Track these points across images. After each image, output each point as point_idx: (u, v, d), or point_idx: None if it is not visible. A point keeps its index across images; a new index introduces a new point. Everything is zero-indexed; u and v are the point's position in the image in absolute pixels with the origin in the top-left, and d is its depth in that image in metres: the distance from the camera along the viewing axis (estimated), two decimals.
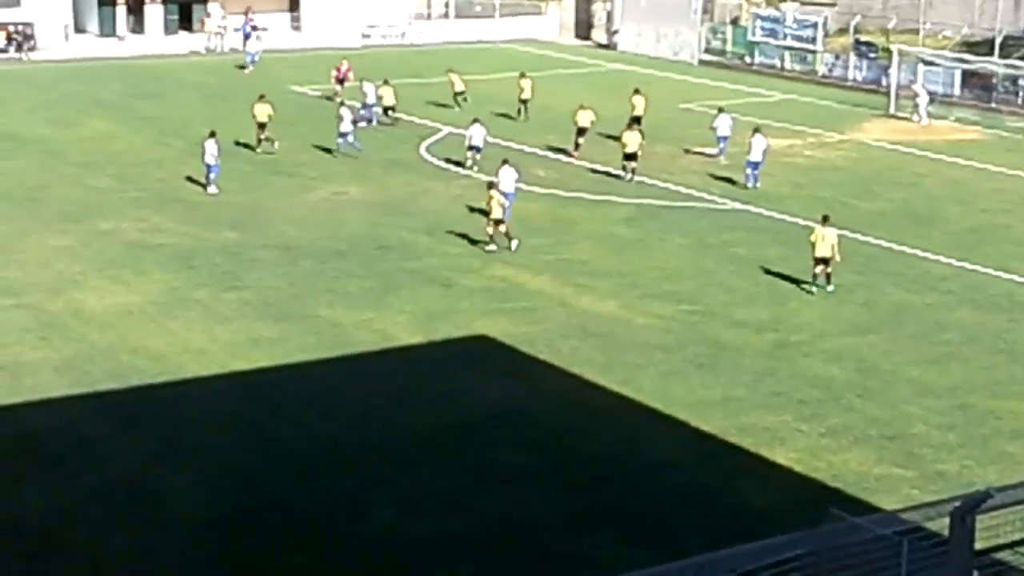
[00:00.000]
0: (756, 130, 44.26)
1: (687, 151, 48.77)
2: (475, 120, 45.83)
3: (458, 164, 45.32)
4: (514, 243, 35.68)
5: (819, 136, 53.29)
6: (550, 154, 47.95)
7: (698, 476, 23.06)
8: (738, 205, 41.52)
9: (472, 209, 39.20)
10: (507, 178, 38.16)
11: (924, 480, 22.82)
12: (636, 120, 49.60)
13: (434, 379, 27.17)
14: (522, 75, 56.86)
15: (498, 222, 35.61)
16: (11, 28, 70.06)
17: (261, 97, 48.01)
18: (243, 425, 24.59)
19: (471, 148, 45.14)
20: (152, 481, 22.35)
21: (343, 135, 46.57)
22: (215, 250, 35.27)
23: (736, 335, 29.84)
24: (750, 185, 43.30)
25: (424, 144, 49.02)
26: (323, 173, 44.41)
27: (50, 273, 32.99)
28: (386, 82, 54.03)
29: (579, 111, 48.70)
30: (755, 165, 43.31)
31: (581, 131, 48.13)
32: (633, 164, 44.35)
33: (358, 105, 51.00)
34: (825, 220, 33.42)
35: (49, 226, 37.16)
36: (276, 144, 46.23)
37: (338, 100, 52.65)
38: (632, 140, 44.51)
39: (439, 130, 51.70)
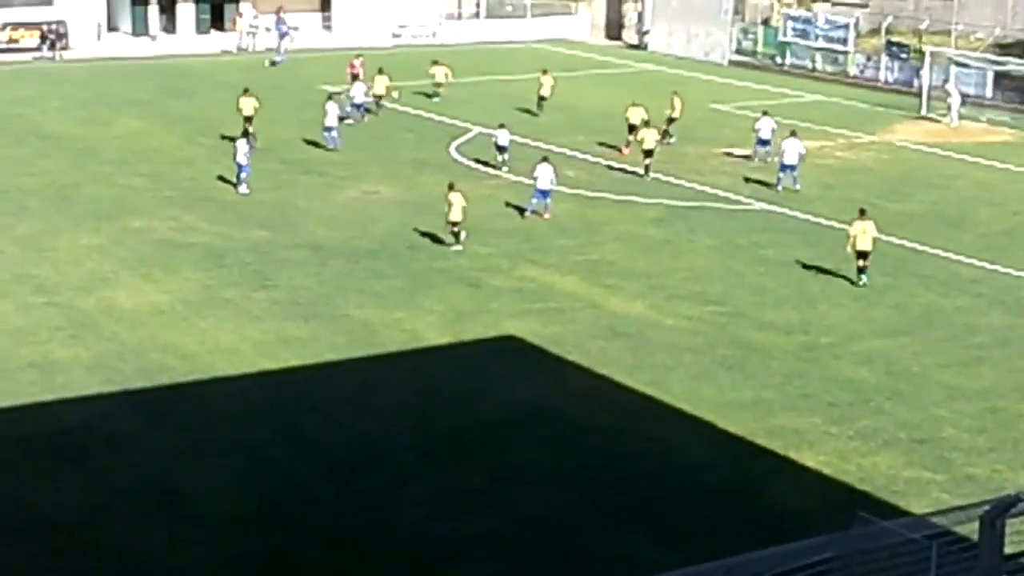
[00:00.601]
0: (792, 133, 44.14)
1: (728, 154, 48.55)
2: (501, 125, 45.97)
3: (488, 164, 45.39)
4: (458, 246, 35.63)
5: (850, 137, 53.11)
6: (578, 154, 47.92)
7: (727, 478, 23.05)
8: (767, 206, 41.45)
9: (508, 205, 39.27)
10: (544, 175, 38.60)
11: (954, 484, 22.74)
12: (670, 121, 49.70)
13: (464, 379, 27.24)
14: (544, 72, 57.18)
15: (453, 223, 35.61)
16: (44, 27, 70.48)
17: (246, 91, 48.55)
18: (273, 423, 24.70)
19: (499, 148, 45.34)
20: (183, 478, 22.49)
21: (328, 129, 47.14)
22: (245, 249, 35.42)
23: (765, 337, 29.81)
24: (779, 188, 43.16)
25: (454, 144, 49.09)
26: (353, 173, 44.53)
27: (82, 271, 33.19)
28: (381, 71, 54.54)
29: (630, 108, 49.08)
30: (789, 168, 43.07)
31: (632, 128, 48.44)
32: (648, 161, 44.75)
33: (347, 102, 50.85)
34: (863, 214, 34.00)
35: (81, 224, 37.38)
36: (258, 141, 46.33)
37: (328, 93, 52.51)
38: (649, 137, 44.85)
39: (469, 130, 51.76)
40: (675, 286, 33.34)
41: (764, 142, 47.24)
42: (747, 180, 44.55)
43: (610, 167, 46.32)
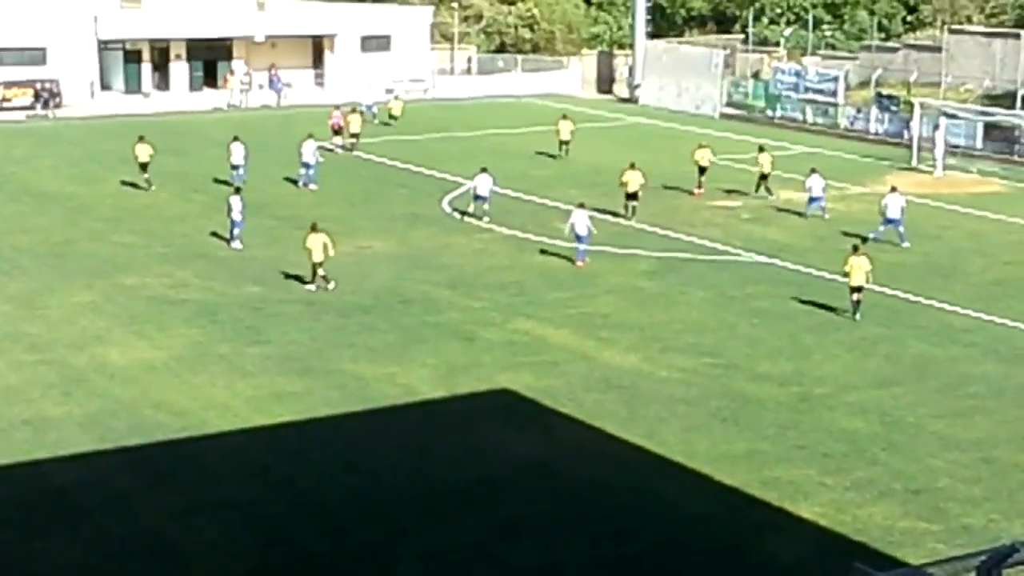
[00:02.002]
0: (893, 189, 44.70)
1: (760, 197, 48.84)
2: (483, 169, 46.17)
3: (474, 216, 45.50)
4: (331, 284, 36.81)
5: (841, 189, 53.28)
6: (569, 207, 47.97)
7: (723, 530, 22.96)
8: (760, 258, 41.54)
9: (545, 253, 39.30)
10: (580, 221, 39.87)
11: (950, 534, 22.67)
12: (763, 177, 50.71)
13: (457, 433, 27.17)
14: (563, 116, 58.70)
15: (315, 264, 36.55)
16: (38, 85, 70.82)
17: (141, 138, 49.99)
18: (268, 479, 24.60)
19: (477, 198, 45.72)
20: (177, 535, 22.36)
21: (307, 166, 48.47)
22: (238, 305, 35.41)
23: (759, 388, 29.79)
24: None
25: (447, 198, 49.22)
26: (346, 228, 44.57)
27: (75, 328, 33.15)
28: (353, 110, 55.90)
29: (697, 150, 51.31)
30: (893, 222, 43.46)
31: (702, 170, 50.55)
32: (634, 203, 46.04)
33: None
34: (856, 250, 35.37)
35: (74, 282, 37.38)
36: (153, 187, 48.92)
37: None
38: (633, 180, 46.18)
39: (461, 184, 51.90)
40: (669, 338, 33.34)
41: (813, 200, 47.71)
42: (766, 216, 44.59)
43: (612, 219, 46.41)
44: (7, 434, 26.21)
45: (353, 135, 58.82)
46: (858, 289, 34.86)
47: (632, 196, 46.28)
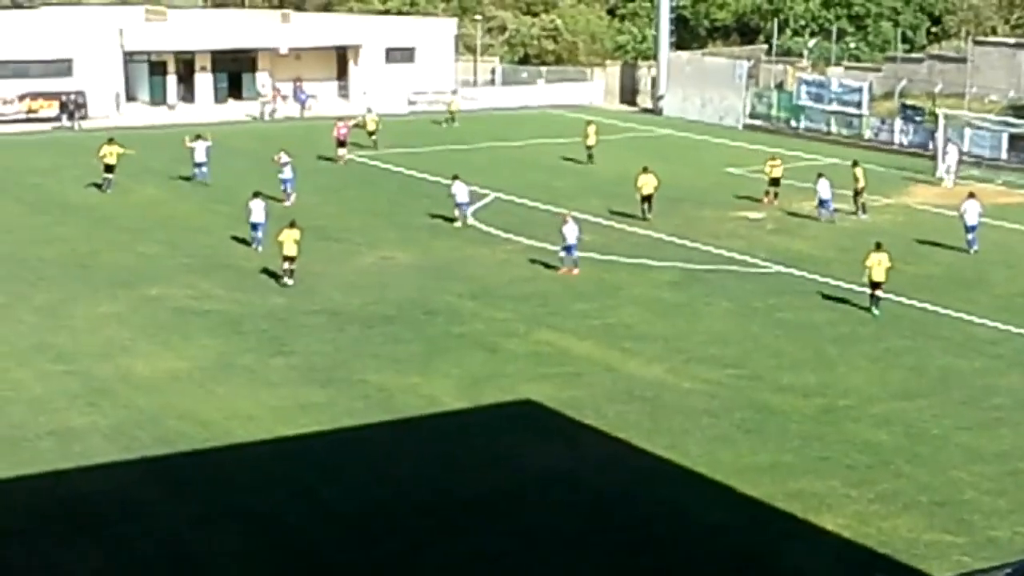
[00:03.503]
0: (971, 195, 45.49)
1: (744, 217, 48.80)
2: (455, 177, 47.47)
3: (505, 230, 45.58)
4: (289, 281, 38.26)
5: (865, 200, 53.10)
6: (590, 217, 48.02)
7: (746, 541, 22.91)
8: (783, 269, 41.46)
9: (533, 261, 39.35)
10: (570, 231, 40.05)
11: (975, 547, 22.56)
12: (857, 193, 50.70)
13: (481, 443, 27.17)
14: (588, 123, 59.53)
15: (288, 259, 38.29)
16: (64, 97, 71.15)
17: (110, 140, 51.71)
18: (290, 490, 24.63)
19: (458, 205, 46.82)
20: (199, 546, 22.40)
21: (286, 182, 48.87)
22: (262, 316, 35.49)
23: (783, 400, 29.71)
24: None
25: (470, 209, 49.23)
26: (370, 239, 44.69)
27: (99, 339, 33.27)
28: (369, 110, 61.23)
29: (769, 161, 51.97)
30: (971, 228, 44.29)
31: (774, 181, 51.07)
32: (647, 205, 48.04)
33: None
34: (879, 247, 36.60)
35: (99, 292, 37.52)
36: (110, 190, 51.02)
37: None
38: (648, 183, 47.91)
39: (485, 195, 51.95)
40: (692, 349, 33.29)
41: (824, 202, 48.84)
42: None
43: (640, 231, 46.38)
44: (32, 444, 26.32)
45: (370, 133, 62.33)
46: (877, 285, 36.04)
47: (647, 199, 48.04)
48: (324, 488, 24.75)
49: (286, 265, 38.35)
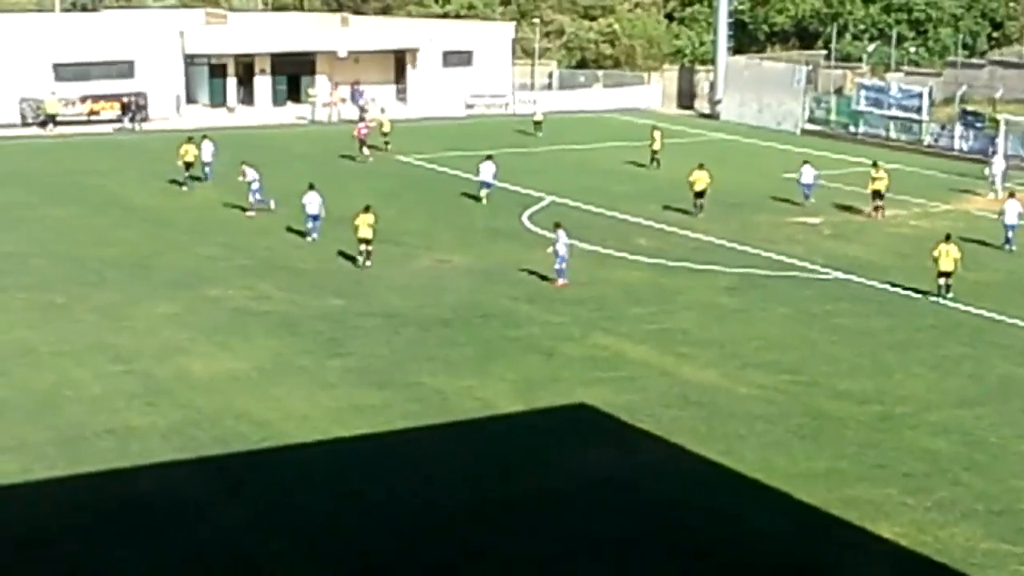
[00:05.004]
0: (1011, 195, 47.20)
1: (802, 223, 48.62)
2: (488, 156, 51.35)
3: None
4: (368, 262, 40.50)
5: (924, 206, 52.81)
6: (652, 223, 47.95)
7: (801, 549, 22.79)
8: (841, 274, 41.22)
9: (529, 272, 39.33)
10: (562, 242, 39.35)
11: None
12: (878, 195, 51.04)
13: (535, 447, 27.16)
14: (654, 127, 59.63)
15: (363, 241, 40.93)
16: (125, 99, 71.83)
17: (189, 139, 53.60)
18: (344, 491, 24.73)
19: (483, 184, 50.59)
20: (253, 547, 22.52)
21: (254, 191, 48.99)
22: (319, 317, 35.66)
23: (840, 406, 29.53)
24: (1011, 248, 46.26)
25: (526, 213, 49.30)
26: (427, 241, 44.82)
27: (158, 339, 33.54)
28: (383, 111, 63.89)
29: (872, 172, 51.47)
30: (1011, 227, 45.60)
31: (878, 193, 50.69)
32: (701, 200, 49.51)
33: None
34: (948, 238, 38.47)
35: (158, 293, 37.82)
36: (188, 188, 52.55)
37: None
38: (701, 179, 49.62)
39: (542, 199, 51.97)
40: (748, 355, 33.15)
41: (806, 187, 52.63)
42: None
43: (692, 235, 46.28)
44: (91, 443, 26.57)
45: (384, 134, 63.83)
46: (946, 274, 37.83)
47: (700, 194, 49.33)
48: (378, 490, 24.82)
49: (362, 247, 40.96)
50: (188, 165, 53.51)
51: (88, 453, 26.03)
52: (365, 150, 61.16)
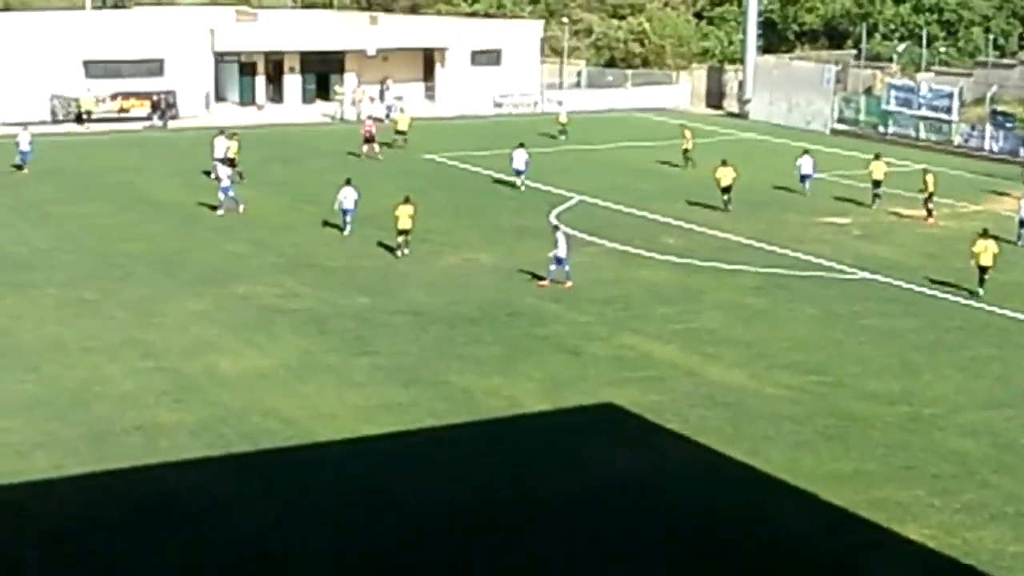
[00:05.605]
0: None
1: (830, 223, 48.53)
2: (520, 144, 54.52)
3: (588, 232, 45.62)
4: (406, 250, 41.64)
5: (954, 207, 52.62)
6: (673, 220, 47.91)
7: (827, 550, 22.76)
8: (869, 275, 41.11)
9: (527, 273, 39.29)
10: (560, 243, 38.98)
11: None
12: (877, 184, 52.07)
13: (561, 446, 27.19)
14: (684, 127, 60.25)
15: (402, 232, 41.90)
16: (155, 97, 72.13)
17: (229, 134, 55.64)
18: (371, 489, 24.80)
19: (516, 172, 53.15)
20: (282, 543, 22.59)
21: (224, 190, 48.84)
22: (347, 315, 35.76)
23: (867, 407, 29.47)
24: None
25: (554, 211, 49.32)
26: (454, 239, 44.88)
27: (187, 336, 33.69)
28: (402, 111, 66.53)
29: (926, 175, 50.65)
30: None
31: (930, 197, 49.92)
32: (727, 196, 50.19)
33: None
34: (986, 233, 39.21)
35: (187, 290, 37.99)
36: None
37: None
38: (726, 175, 50.21)
39: (570, 198, 51.99)
40: (775, 355, 33.11)
41: (804, 177, 54.22)
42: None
43: (720, 234, 46.22)
44: (120, 439, 26.71)
45: (399, 132, 64.57)
46: (985, 269, 38.48)
47: (726, 190, 49.96)
48: (404, 488, 24.89)
49: (400, 239, 41.91)
50: (231, 161, 53.93)
51: (117, 449, 26.17)
52: (375, 147, 60.87)
